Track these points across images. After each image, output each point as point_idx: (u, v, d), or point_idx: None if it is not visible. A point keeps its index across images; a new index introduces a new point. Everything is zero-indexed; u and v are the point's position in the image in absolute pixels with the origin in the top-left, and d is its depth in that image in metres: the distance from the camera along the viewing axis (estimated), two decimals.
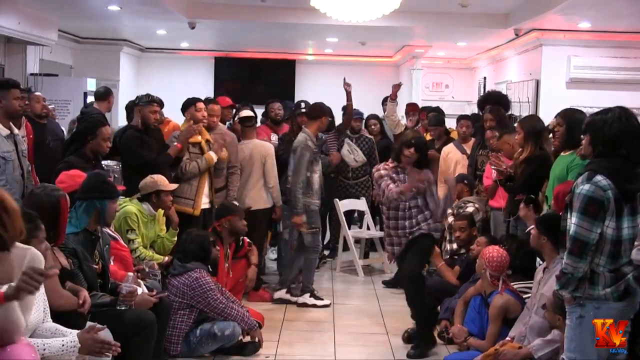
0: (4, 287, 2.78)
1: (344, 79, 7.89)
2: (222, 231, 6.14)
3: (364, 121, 9.01)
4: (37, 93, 7.30)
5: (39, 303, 3.38)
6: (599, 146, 3.57)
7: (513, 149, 5.98)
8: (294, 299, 6.79)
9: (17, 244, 3.14)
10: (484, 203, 6.50)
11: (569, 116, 5.37)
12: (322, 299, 6.81)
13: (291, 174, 6.70)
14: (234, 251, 6.38)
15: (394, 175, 5.62)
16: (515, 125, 6.29)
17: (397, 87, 8.96)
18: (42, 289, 3.45)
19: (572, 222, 3.48)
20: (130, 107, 7.35)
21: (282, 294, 6.84)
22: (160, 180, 5.69)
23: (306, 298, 6.79)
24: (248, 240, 6.59)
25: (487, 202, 6.40)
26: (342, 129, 8.22)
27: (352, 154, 8.22)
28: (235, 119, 7.53)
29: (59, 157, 6.05)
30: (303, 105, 7.72)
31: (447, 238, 6.70)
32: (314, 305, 6.72)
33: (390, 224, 5.66)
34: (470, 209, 6.44)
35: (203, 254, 5.51)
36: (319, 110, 6.93)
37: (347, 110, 8.08)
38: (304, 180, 6.59)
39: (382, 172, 5.66)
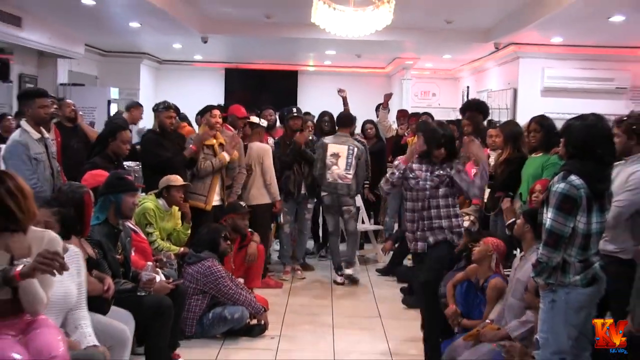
0: (20, 267, 2.79)
1: (338, 89, 7.97)
2: (226, 226, 6.14)
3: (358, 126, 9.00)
4: (67, 100, 7.35)
5: (69, 286, 3.37)
6: (570, 148, 3.57)
7: (494, 142, 6.01)
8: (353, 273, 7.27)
9: (34, 227, 3.15)
10: (478, 212, 6.38)
11: (546, 123, 5.41)
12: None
13: (358, 172, 7.23)
14: (240, 242, 6.33)
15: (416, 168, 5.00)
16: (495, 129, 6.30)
17: (388, 97, 8.98)
18: (82, 277, 3.46)
19: (548, 216, 3.48)
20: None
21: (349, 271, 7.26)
22: (172, 178, 5.69)
23: (351, 270, 7.26)
24: (251, 230, 6.52)
25: (480, 209, 6.28)
26: None
27: None
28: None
29: (83, 158, 6.07)
30: (295, 110, 7.72)
31: None
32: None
33: (415, 216, 5.01)
34: (466, 223, 6.32)
35: (213, 246, 5.53)
36: (350, 119, 7.57)
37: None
38: None
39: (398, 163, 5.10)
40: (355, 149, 7.18)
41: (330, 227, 7.42)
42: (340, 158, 7.14)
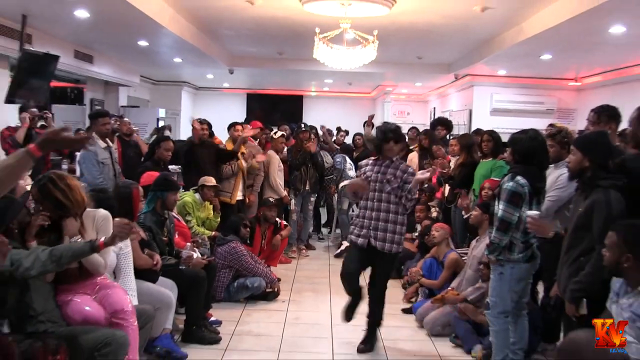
0: (103, 238, 2.82)
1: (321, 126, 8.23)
2: (261, 218, 6.11)
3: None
4: (125, 119, 7.35)
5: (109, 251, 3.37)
6: (516, 156, 3.55)
7: (453, 150, 5.97)
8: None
9: (88, 209, 3.17)
10: (440, 205, 6.35)
11: (495, 135, 5.40)
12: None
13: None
14: (273, 231, 6.20)
15: (369, 167, 4.22)
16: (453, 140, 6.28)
17: (371, 117, 9.01)
18: (121, 244, 3.43)
19: (500, 208, 3.47)
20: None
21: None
22: (206, 179, 5.66)
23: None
24: (285, 223, 6.50)
25: (441, 202, 6.19)
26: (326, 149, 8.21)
27: (324, 157, 8.16)
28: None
29: (137, 163, 6.09)
30: (303, 126, 7.75)
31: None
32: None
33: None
34: (434, 214, 6.31)
35: (237, 231, 5.52)
36: (353, 151, 8.51)
37: (330, 142, 8.27)
38: None
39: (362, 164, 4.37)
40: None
41: (347, 206, 7.54)
42: (352, 168, 7.63)
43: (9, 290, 2.72)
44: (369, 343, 4.28)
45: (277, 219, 6.33)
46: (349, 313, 4.30)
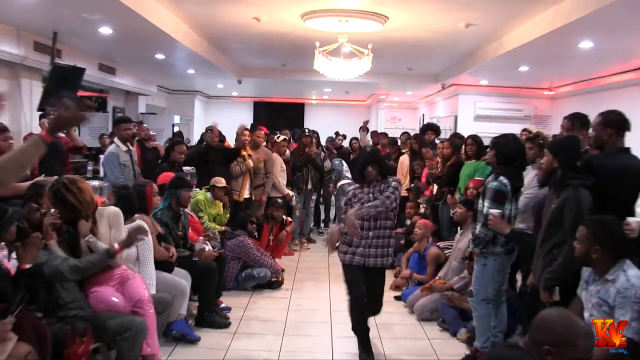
0: (116, 245, 2.88)
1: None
2: (269, 216, 6.10)
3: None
4: (144, 125, 7.35)
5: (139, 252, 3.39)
6: (501, 158, 3.55)
7: (443, 153, 5.94)
8: None
9: (100, 207, 3.20)
10: (428, 202, 6.35)
11: (478, 139, 5.39)
12: None
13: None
14: (280, 227, 6.19)
15: (359, 190, 3.82)
16: (441, 143, 6.26)
17: (365, 123, 9.03)
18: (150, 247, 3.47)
19: (485, 205, 3.47)
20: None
21: None
22: (216, 179, 5.65)
23: None
24: (290, 219, 6.47)
25: (430, 199, 6.13)
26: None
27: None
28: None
29: (154, 165, 6.10)
30: (307, 131, 7.75)
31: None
32: None
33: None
34: (422, 210, 6.33)
35: (245, 226, 5.52)
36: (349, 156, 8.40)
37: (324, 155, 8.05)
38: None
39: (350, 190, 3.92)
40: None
41: (343, 203, 7.18)
42: (348, 170, 7.55)
43: (39, 283, 2.74)
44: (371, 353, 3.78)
45: (283, 216, 6.35)
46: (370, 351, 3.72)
